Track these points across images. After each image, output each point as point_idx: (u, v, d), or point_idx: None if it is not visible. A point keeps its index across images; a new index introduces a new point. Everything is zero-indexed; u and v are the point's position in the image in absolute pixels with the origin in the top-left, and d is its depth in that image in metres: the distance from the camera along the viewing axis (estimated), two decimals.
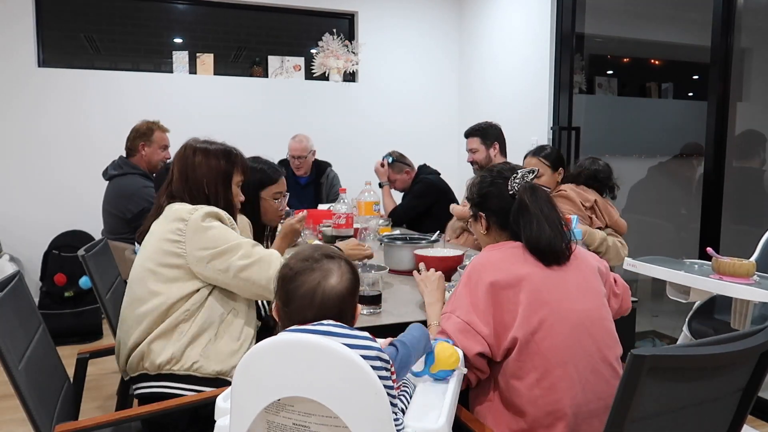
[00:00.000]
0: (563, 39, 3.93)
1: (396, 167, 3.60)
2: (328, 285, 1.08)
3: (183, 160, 1.72)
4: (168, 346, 1.55)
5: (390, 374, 0.99)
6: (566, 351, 1.30)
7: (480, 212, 1.53)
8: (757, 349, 1.05)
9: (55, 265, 3.65)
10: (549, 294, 1.33)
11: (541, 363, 1.29)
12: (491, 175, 1.52)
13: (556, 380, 1.28)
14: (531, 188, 1.43)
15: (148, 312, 1.57)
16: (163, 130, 3.29)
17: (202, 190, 1.69)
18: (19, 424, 2.53)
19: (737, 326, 1.98)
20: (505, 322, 1.33)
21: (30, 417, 1.27)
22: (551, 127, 4.00)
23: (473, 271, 1.40)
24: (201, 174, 1.70)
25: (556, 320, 1.31)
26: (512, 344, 1.31)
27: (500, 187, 1.48)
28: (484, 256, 1.44)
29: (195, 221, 1.58)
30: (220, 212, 1.65)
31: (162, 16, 4.59)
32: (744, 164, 3.23)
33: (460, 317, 1.35)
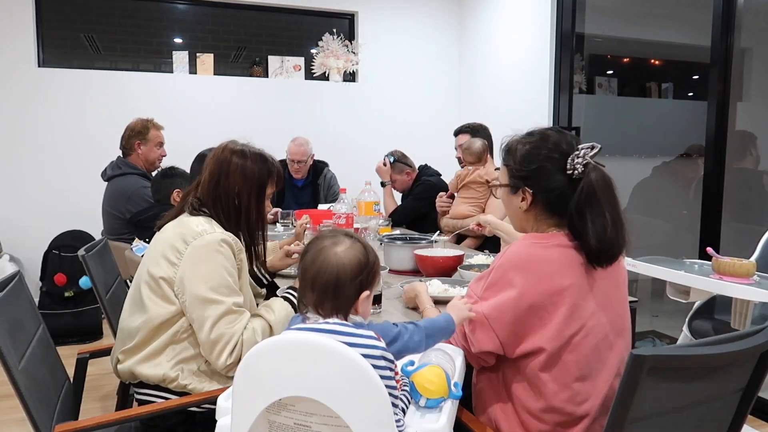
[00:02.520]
0: (563, 39, 3.93)
1: (397, 167, 3.60)
2: (331, 251, 1.10)
3: (218, 164, 1.58)
4: (159, 368, 1.50)
5: (393, 374, 0.99)
6: (589, 366, 1.24)
7: (525, 186, 1.31)
8: (757, 349, 1.05)
9: (55, 265, 3.65)
10: (584, 308, 1.23)
11: (561, 376, 1.24)
12: (545, 146, 1.29)
13: (574, 394, 1.24)
14: (601, 174, 1.24)
15: (141, 326, 1.52)
16: (158, 128, 3.28)
17: (232, 200, 1.58)
18: (19, 424, 2.52)
19: (737, 326, 1.98)
20: (531, 324, 1.23)
21: (30, 417, 1.27)
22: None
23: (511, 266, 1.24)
24: (233, 182, 1.57)
25: (584, 335, 1.23)
26: (534, 351, 1.23)
27: (557, 164, 1.27)
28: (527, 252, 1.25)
29: (195, 249, 1.49)
30: (230, 241, 1.53)
31: (162, 16, 4.59)
32: (738, 165, 3.23)
33: (482, 309, 1.25)
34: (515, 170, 1.33)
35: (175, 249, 1.50)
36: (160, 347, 1.51)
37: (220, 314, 1.46)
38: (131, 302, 1.60)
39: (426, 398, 1.07)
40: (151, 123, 3.25)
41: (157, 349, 1.51)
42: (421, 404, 1.08)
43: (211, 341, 1.45)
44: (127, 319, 1.59)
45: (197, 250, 1.49)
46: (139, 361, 1.52)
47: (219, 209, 1.58)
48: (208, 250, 1.49)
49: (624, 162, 4.32)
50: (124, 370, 1.55)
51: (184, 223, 1.55)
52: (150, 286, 1.53)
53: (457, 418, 1.18)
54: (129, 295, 1.63)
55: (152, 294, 1.52)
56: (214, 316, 1.45)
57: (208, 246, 1.49)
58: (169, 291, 1.50)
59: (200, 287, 1.46)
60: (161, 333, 1.51)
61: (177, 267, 1.49)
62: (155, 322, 1.50)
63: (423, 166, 3.69)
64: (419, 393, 1.08)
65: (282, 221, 3.25)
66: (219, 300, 1.47)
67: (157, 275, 1.51)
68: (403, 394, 1.07)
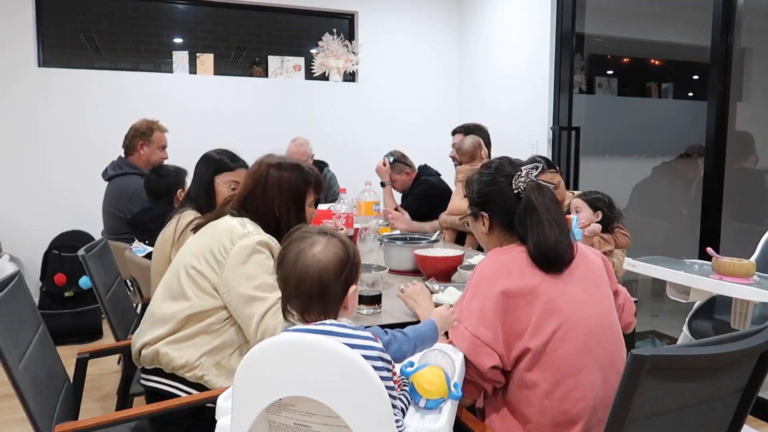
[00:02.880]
0: (563, 39, 3.93)
1: (396, 167, 3.59)
2: (309, 252, 1.08)
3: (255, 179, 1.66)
4: (185, 353, 1.54)
5: (392, 374, 0.99)
6: (578, 361, 1.26)
7: (481, 212, 1.45)
8: (757, 349, 1.05)
9: (55, 265, 3.65)
10: (562, 303, 1.29)
11: (552, 374, 1.26)
12: (492, 172, 1.43)
13: (567, 391, 1.25)
14: (538, 187, 1.36)
15: (175, 314, 1.56)
16: (162, 130, 3.27)
17: (272, 212, 1.64)
18: (19, 424, 2.53)
19: (737, 326, 1.98)
20: (516, 330, 1.28)
21: (30, 417, 1.27)
22: (551, 127, 4.00)
23: (481, 278, 1.34)
24: (272, 196, 1.64)
25: (568, 330, 1.27)
26: (523, 353, 1.27)
27: (502, 185, 1.39)
28: (492, 261, 1.36)
29: (240, 249, 1.54)
30: (271, 243, 1.59)
31: (162, 16, 4.59)
32: (738, 165, 3.23)
33: (468, 329, 1.30)
34: (474, 199, 1.47)
35: (221, 246, 1.56)
36: (191, 334, 1.55)
37: (265, 310, 1.51)
38: (167, 289, 1.63)
39: (426, 399, 1.07)
40: (156, 125, 3.25)
41: (188, 335, 1.55)
42: (420, 405, 1.07)
43: (260, 336, 1.50)
44: (160, 305, 1.62)
45: (243, 250, 1.54)
46: (167, 343, 1.55)
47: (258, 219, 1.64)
48: (252, 251, 1.55)
49: (624, 162, 4.32)
50: (149, 353, 1.57)
51: (229, 225, 1.61)
52: (192, 277, 1.58)
53: (457, 418, 1.18)
54: (165, 282, 1.65)
55: (194, 286, 1.57)
56: (260, 313, 1.51)
57: (252, 246, 1.55)
58: (210, 288, 1.56)
59: (245, 286, 1.52)
60: (196, 321, 1.56)
61: (222, 266, 1.55)
62: (195, 311, 1.55)
63: (423, 166, 3.69)
64: (419, 394, 1.07)
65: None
66: (263, 297, 1.52)
67: (202, 269, 1.56)
68: (402, 394, 1.07)
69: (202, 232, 1.66)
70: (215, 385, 1.54)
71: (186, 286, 1.57)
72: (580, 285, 1.34)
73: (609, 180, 4.13)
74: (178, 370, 1.55)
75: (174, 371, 1.55)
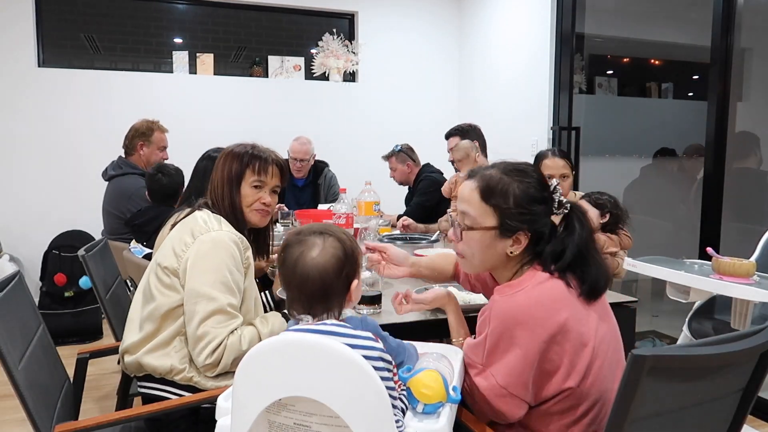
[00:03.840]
0: (563, 39, 3.93)
1: (400, 157, 3.68)
2: (307, 257, 1.09)
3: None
4: (167, 359, 1.52)
5: (392, 375, 0.99)
6: (606, 384, 1.19)
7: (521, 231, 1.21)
8: (757, 349, 1.05)
9: (55, 265, 3.65)
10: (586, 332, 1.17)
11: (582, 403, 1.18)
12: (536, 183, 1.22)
13: (594, 416, 1.20)
14: (583, 213, 1.23)
15: (148, 316, 1.56)
16: (163, 131, 3.27)
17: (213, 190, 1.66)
18: (19, 424, 2.52)
19: (737, 326, 1.98)
20: (546, 370, 1.16)
21: (30, 417, 1.27)
22: (551, 127, 4.00)
23: (507, 327, 1.15)
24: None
25: (596, 358, 1.17)
26: (559, 392, 1.16)
27: (549, 204, 1.22)
28: (515, 304, 1.16)
29: (200, 244, 1.53)
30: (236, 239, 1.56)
31: (162, 16, 4.59)
32: (740, 165, 3.23)
33: (495, 378, 1.16)
34: (514, 212, 1.21)
35: (183, 242, 1.55)
36: (169, 337, 1.54)
37: (210, 311, 1.47)
38: (141, 293, 1.63)
39: (423, 404, 1.05)
40: (156, 125, 3.24)
41: (166, 339, 1.53)
42: (418, 410, 1.05)
43: (196, 337, 1.47)
44: (137, 310, 1.62)
45: (202, 245, 1.53)
46: (147, 352, 1.54)
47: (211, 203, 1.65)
48: (213, 246, 1.53)
49: (624, 162, 4.32)
50: (131, 362, 1.56)
51: (194, 220, 1.60)
52: (157, 275, 1.57)
53: (456, 418, 1.18)
54: (139, 288, 1.66)
55: (159, 284, 1.56)
56: (204, 312, 1.47)
57: (213, 242, 1.53)
58: (174, 280, 1.54)
59: (198, 280, 1.50)
60: (169, 323, 1.54)
61: (182, 259, 1.53)
62: (161, 310, 1.54)
63: (425, 165, 3.72)
64: (416, 399, 1.05)
65: (282, 221, 3.24)
66: (213, 296, 1.48)
67: (163, 264, 1.56)
68: (402, 394, 1.07)
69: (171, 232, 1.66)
70: (205, 385, 1.52)
71: (152, 287, 1.57)
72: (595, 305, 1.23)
73: (609, 180, 4.13)
74: (165, 375, 1.53)
75: (164, 376, 1.54)
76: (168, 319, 1.54)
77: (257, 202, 1.68)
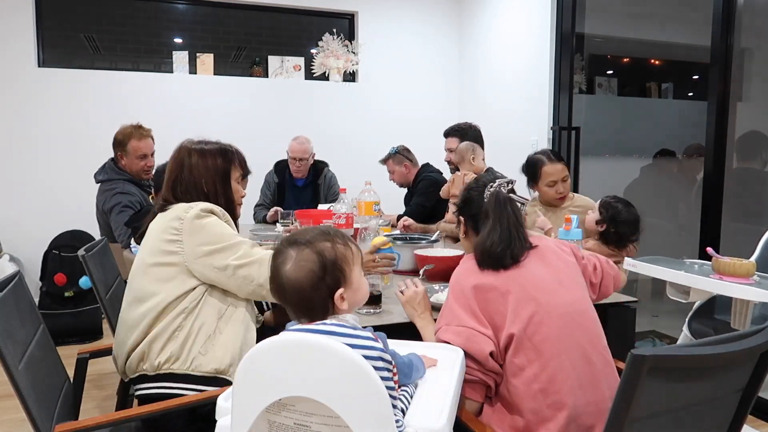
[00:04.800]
0: (563, 39, 3.93)
1: (396, 158, 3.68)
2: (282, 270, 1.09)
3: (179, 163, 1.70)
4: (167, 345, 1.56)
5: (392, 374, 0.99)
6: (558, 343, 1.33)
7: (459, 216, 1.62)
8: (757, 349, 1.05)
9: (55, 265, 3.65)
10: (533, 290, 1.38)
11: (535, 357, 1.32)
12: (475, 184, 1.60)
13: (552, 372, 1.31)
14: (497, 196, 1.48)
15: (146, 312, 1.58)
16: (141, 137, 3.02)
17: (200, 190, 1.69)
18: (19, 424, 2.53)
19: (737, 326, 1.98)
20: (496, 323, 1.37)
21: (30, 417, 1.27)
22: (551, 127, 4.00)
23: (455, 281, 1.46)
24: (198, 175, 1.69)
25: (544, 314, 1.35)
26: (508, 342, 1.35)
27: (477, 195, 1.54)
28: (461, 266, 1.50)
29: (190, 219, 1.59)
30: (215, 208, 1.64)
31: (162, 16, 4.59)
32: (745, 165, 3.22)
33: (460, 325, 1.38)
34: (457, 206, 1.63)
35: (171, 228, 1.59)
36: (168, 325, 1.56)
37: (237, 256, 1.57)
38: (133, 294, 1.64)
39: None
40: (134, 133, 3.02)
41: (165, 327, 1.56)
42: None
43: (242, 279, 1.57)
44: (129, 311, 1.62)
45: (192, 220, 1.59)
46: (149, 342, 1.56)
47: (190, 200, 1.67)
48: (199, 217, 1.59)
49: (624, 162, 4.32)
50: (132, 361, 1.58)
51: (170, 209, 1.64)
52: (153, 275, 1.59)
53: (457, 418, 1.18)
54: (127, 293, 1.67)
55: (158, 281, 1.58)
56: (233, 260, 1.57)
57: (200, 213, 1.60)
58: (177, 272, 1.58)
59: (207, 248, 1.57)
60: (169, 311, 1.57)
61: (180, 243, 1.58)
62: (166, 302, 1.56)
63: (425, 165, 3.72)
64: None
65: (282, 221, 3.24)
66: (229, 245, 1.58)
67: (159, 256, 1.59)
68: (402, 394, 1.07)
69: (148, 232, 1.68)
70: (206, 367, 1.55)
71: (149, 285, 1.59)
72: (547, 274, 1.43)
73: (609, 180, 4.13)
74: (163, 366, 1.55)
75: (159, 370, 1.55)
76: (168, 309, 1.57)
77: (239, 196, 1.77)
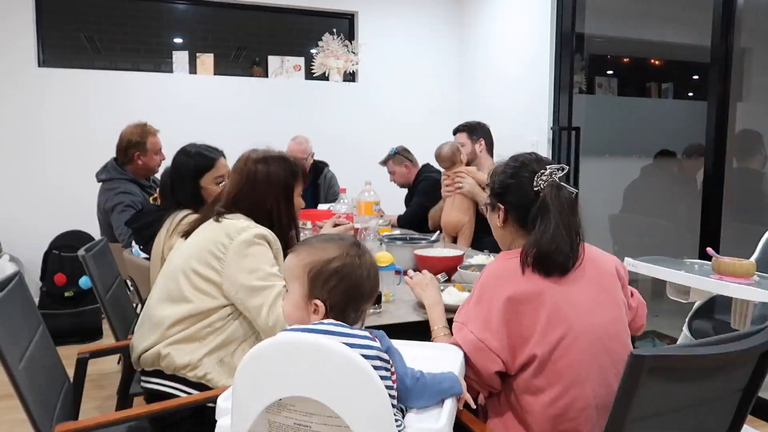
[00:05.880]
0: (563, 39, 3.93)
1: (396, 159, 3.67)
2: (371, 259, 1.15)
3: (242, 175, 1.66)
4: (187, 352, 1.54)
5: (390, 374, 0.99)
6: (583, 370, 1.24)
7: (499, 204, 1.43)
8: (757, 349, 1.05)
9: (55, 265, 3.65)
10: (568, 309, 1.26)
11: (556, 381, 1.24)
12: (517, 166, 1.41)
13: (572, 401, 1.23)
14: (557, 188, 1.33)
15: (175, 315, 1.56)
16: (154, 133, 3.09)
17: (263, 206, 1.65)
18: (19, 424, 2.52)
19: (737, 326, 1.98)
20: (522, 335, 1.26)
21: (30, 417, 1.27)
22: (551, 127, 4.00)
23: (487, 283, 1.32)
24: (263, 191, 1.65)
25: (573, 338, 1.25)
26: (529, 360, 1.26)
27: (524, 181, 1.37)
28: (499, 265, 1.36)
29: (239, 244, 1.55)
30: (268, 235, 1.60)
31: (162, 16, 4.59)
32: (743, 164, 3.22)
33: (473, 333, 1.29)
34: (494, 189, 1.45)
35: (219, 243, 1.56)
36: (194, 333, 1.55)
37: (273, 298, 1.51)
38: (164, 292, 1.62)
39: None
40: (147, 130, 3.06)
41: (190, 335, 1.55)
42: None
43: (270, 327, 1.50)
44: (158, 308, 1.61)
45: (242, 245, 1.55)
46: (169, 344, 1.55)
47: (252, 214, 1.64)
48: (251, 243, 1.56)
49: (624, 162, 4.32)
50: (148, 355, 1.57)
51: (225, 223, 1.61)
52: (191, 280, 1.57)
53: (457, 418, 1.18)
54: (161, 286, 1.64)
55: (194, 289, 1.57)
56: (269, 302, 1.51)
57: (251, 240, 1.56)
58: (211, 288, 1.56)
59: (248, 278, 1.53)
60: (198, 320, 1.56)
61: (223, 262, 1.55)
62: (192, 313, 1.55)
63: (425, 165, 3.72)
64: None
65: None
66: (268, 285, 1.52)
67: (201, 272, 1.56)
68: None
69: (197, 233, 1.65)
70: (218, 383, 1.54)
71: (185, 289, 1.57)
72: (587, 291, 1.31)
73: (609, 180, 4.13)
74: (180, 370, 1.54)
75: (176, 372, 1.55)
76: (199, 318, 1.56)
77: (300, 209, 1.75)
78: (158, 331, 1.58)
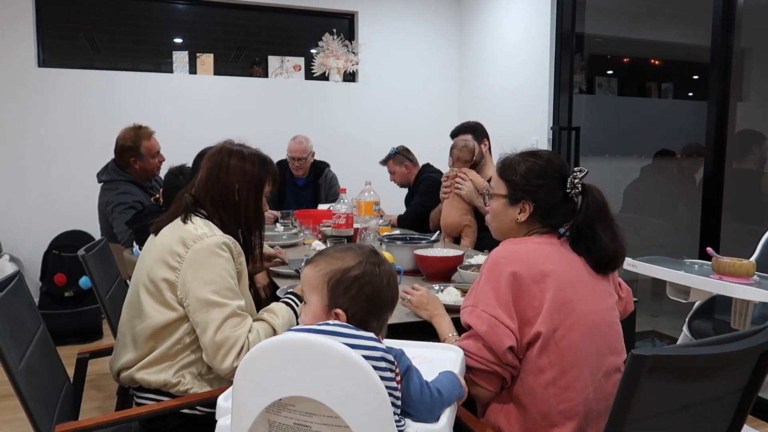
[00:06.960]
0: (563, 39, 3.93)
1: (396, 159, 3.67)
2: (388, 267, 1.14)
3: (216, 162, 1.60)
4: (161, 374, 1.50)
5: (395, 375, 0.99)
6: (582, 351, 1.29)
7: (525, 200, 1.42)
8: (757, 349, 1.05)
9: (55, 265, 3.65)
10: (571, 293, 1.31)
11: (558, 361, 1.27)
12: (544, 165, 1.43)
13: (571, 380, 1.27)
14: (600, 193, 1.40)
15: (139, 334, 1.53)
16: (149, 137, 3.07)
17: (231, 196, 1.59)
18: (19, 424, 2.53)
19: (737, 326, 1.98)
20: (527, 316, 1.29)
21: (30, 417, 1.27)
22: (551, 127, 4.00)
23: (494, 263, 1.34)
24: (234, 178, 1.58)
25: (575, 320, 1.29)
26: (534, 339, 1.28)
27: (554, 182, 1.41)
28: (506, 248, 1.38)
29: (197, 251, 1.48)
30: (231, 245, 1.53)
31: (162, 16, 4.59)
32: (741, 165, 3.22)
33: (486, 311, 1.30)
34: (520, 184, 1.43)
35: (175, 253, 1.49)
36: (163, 354, 1.51)
37: (224, 317, 1.44)
38: (129, 306, 1.59)
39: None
40: (140, 134, 3.03)
41: (160, 356, 1.51)
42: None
43: (215, 344, 1.43)
44: (127, 324, 1.58)
45: (198, 254, 1.48)
46: (139, 368, 1.52)
47: (218, 206, 1.59)
48: (210, 254, 1.48)
49: (624, 162, 4.32)
50: (125, 377, 1.55)
51: (183, 227, 1.54)
52: (149, 291, 1.52)
53: (457, 418, 1.18)
54: (127, 299, 1.62)
55: (152, 300, 1.52)
56: (219, 320, 1.44)
57: (209, 249, 1.48)
58: (170, 296, 1.49)
59: (203, 290, 1.45)
60: (162, 340, 1.51)
61: (178, 271, 1.48)
62: (155, 328, 1.50)
63: (425, 165, 3.72)
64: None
65: (282, 221, 3.24)
66: (223, 303, 1.45)
67: (157, 279, 1.50)
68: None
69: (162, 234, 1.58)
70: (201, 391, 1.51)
71: (144, 303, 1.52)
72: (587, 279, 1.36)
73: (609, 180, 4.13)
74: (161, 388, 1.51)
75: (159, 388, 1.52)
76: (161, 337, 1.51)
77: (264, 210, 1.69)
78: (128, 353, 1.55)
